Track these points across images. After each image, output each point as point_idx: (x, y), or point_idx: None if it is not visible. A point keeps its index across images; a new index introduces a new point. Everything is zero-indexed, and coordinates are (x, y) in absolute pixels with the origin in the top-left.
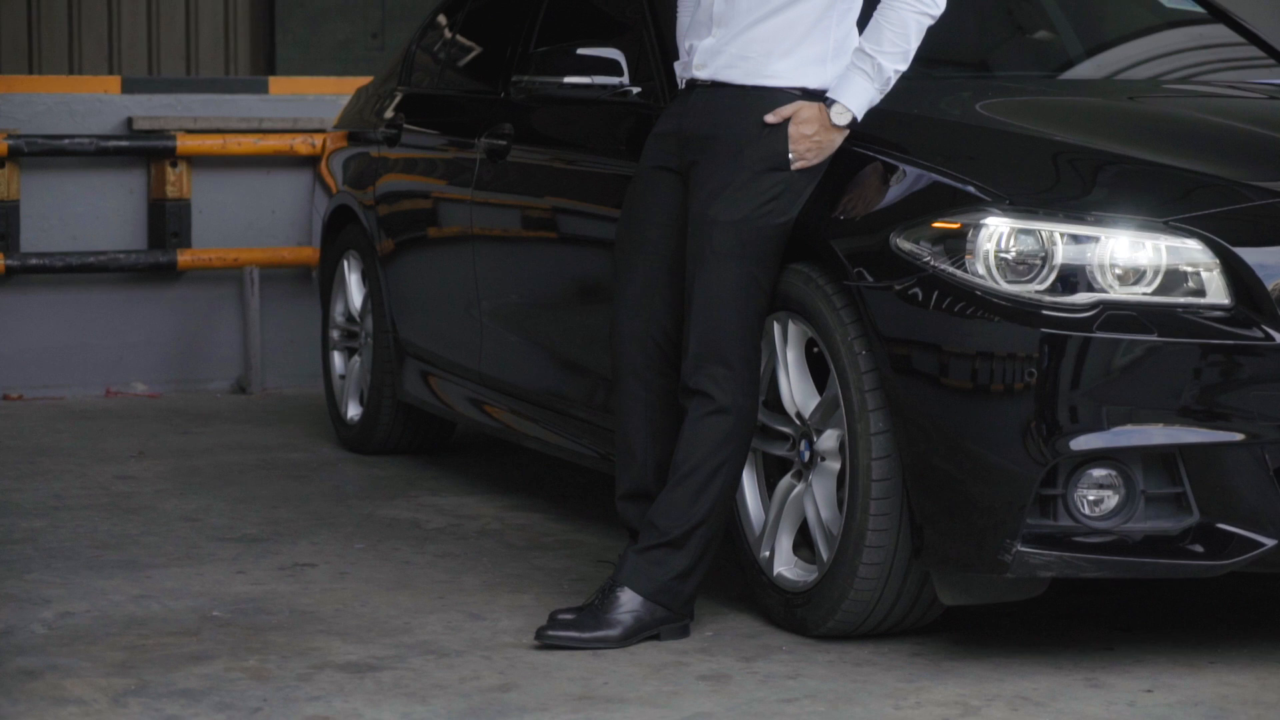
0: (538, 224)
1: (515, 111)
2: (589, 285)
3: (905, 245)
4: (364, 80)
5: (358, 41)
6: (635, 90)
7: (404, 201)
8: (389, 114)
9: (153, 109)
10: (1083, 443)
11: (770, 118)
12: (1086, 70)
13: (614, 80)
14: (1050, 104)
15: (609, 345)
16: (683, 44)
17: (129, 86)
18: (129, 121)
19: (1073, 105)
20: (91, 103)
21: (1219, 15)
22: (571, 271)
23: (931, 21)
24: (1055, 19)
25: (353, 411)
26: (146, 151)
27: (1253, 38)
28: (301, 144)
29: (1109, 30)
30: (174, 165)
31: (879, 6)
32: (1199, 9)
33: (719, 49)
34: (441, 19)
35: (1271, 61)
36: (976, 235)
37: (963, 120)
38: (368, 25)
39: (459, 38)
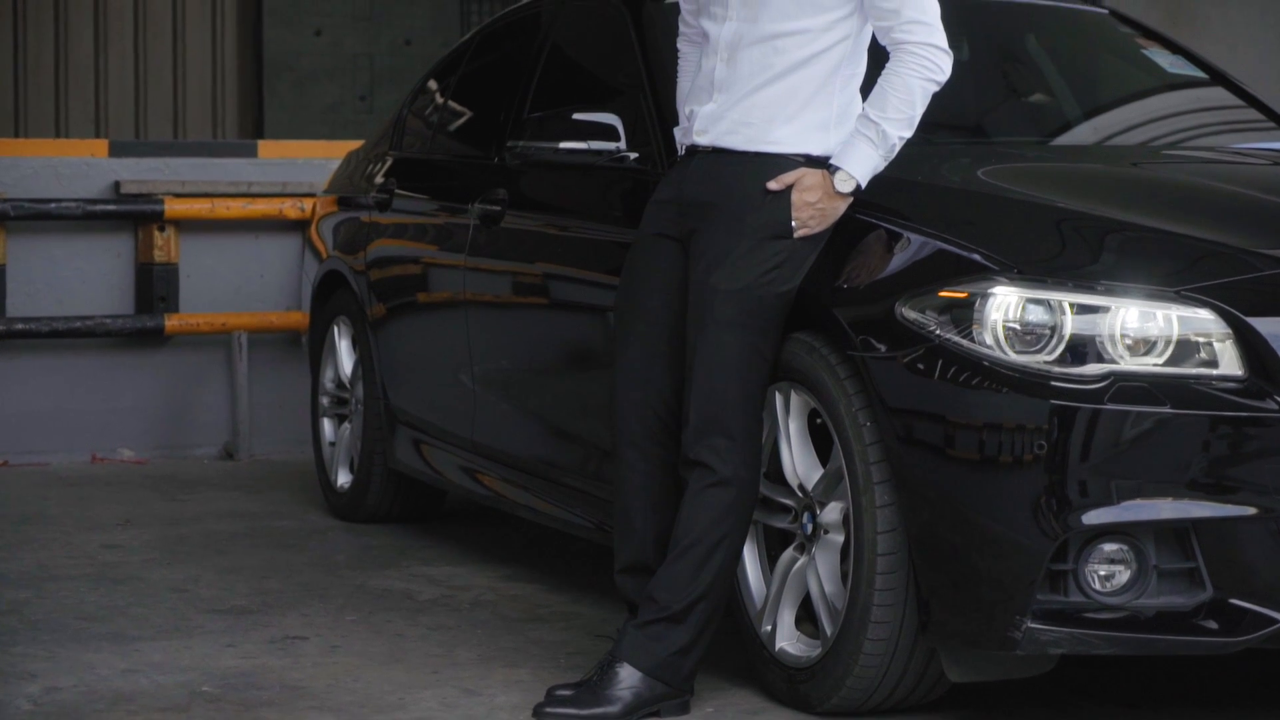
0: (533, 290)
1: (509, 177)
2: (585, 353)
3: (911, 314)
4: (354, 144)
5: (346, 104)
6: (632, 156)
7: (396, 267)
8: (380, 179)
9: (140, 172)
10: (1094, 517)
11: (773, 185)
12: (1085, 134)
13: (610, 145)
14: (1053, 170)
15: (608, 415)
16: (682, 109)
17: (116, 150)
18: (116, 185)
19: (1076, 171)
20: (78, 166)
21: (1218, 78)
22: (567, 338)
23: (937, 88)
24: (1053, 82)
25: (343, 479)
26: (134, 215)
27: (1252, 100)
28: (291, 208)
29: (1107, 93)
30: (162, 229)
31: (883, 72)
32: (1199, 73)
33: (720, 115)
34: (433, 84)
35: (1271, 125)
36: (984, 305)
37: (966, 187)
38: (356, 88)
39: (451, 102)
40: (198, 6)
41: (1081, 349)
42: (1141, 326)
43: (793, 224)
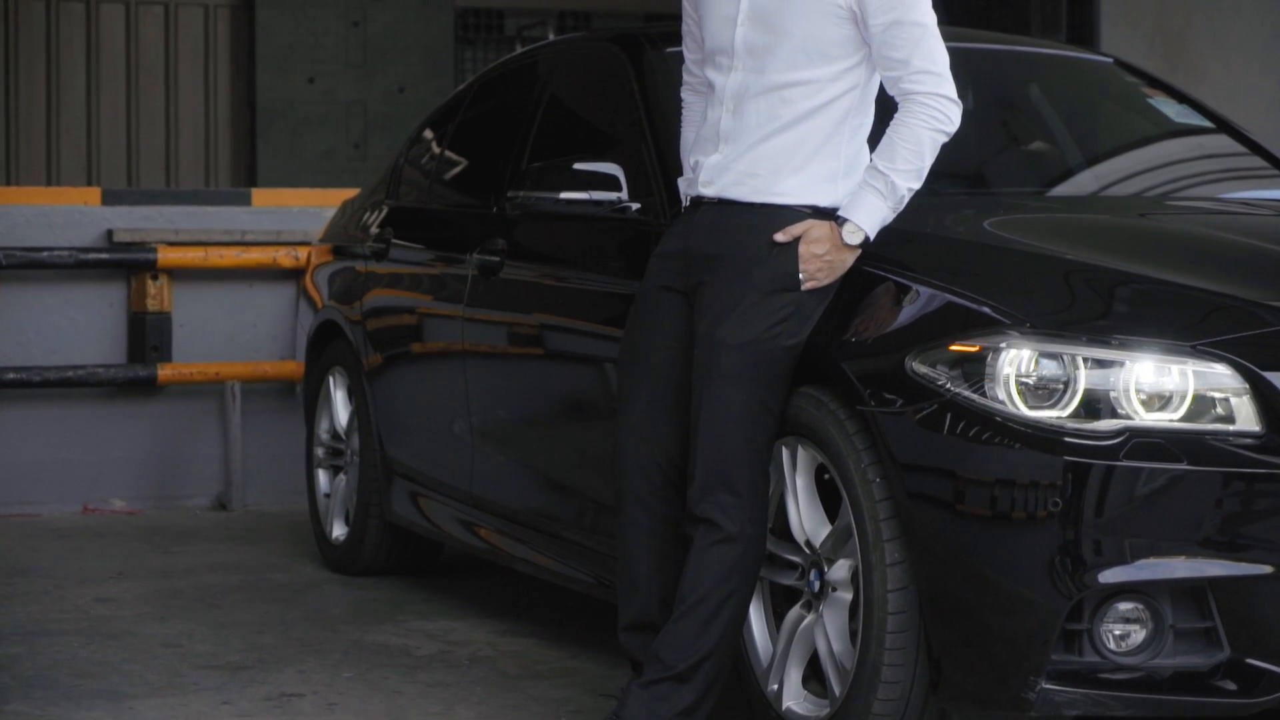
0: (532, 342)
1: (508, 227)
2: (585, 405)
3: (921, 369)
4: (348, 192)
5: (340, 152)
6: (634, 206)
7: (393, 317)
8: (376, 228)
9: (133, 221)
10: (1111, 576)
11: (780, 236)
12: (1091, 184)
13: (612, 196)
14: (1061, 221)
15: (608, 469)
16: (687, 160)
17: (109, 198)
18: (109, 233)
19: (1084, 222)
20: (71, 214)
21: (1224, 127)
22: (567, 390)
23: (946, 138)
24: (1058, 132)
25: (338, 531)
26: (127, 264)
27: (1255, 148)
28: (285, 257)
29: (1114, 143)
30: (155, 278)
31: (892, 123)
32: (1206, 122)
33: (726, 165)
34: (429, 132)
35: (1275, 172)
36: (996, 359)
37: (973, 238)
38: (350, 136)
39: (448, 152)
40: (190, 54)
41: (1096, 404)
42: (1157, 381)
43: (800, 276)
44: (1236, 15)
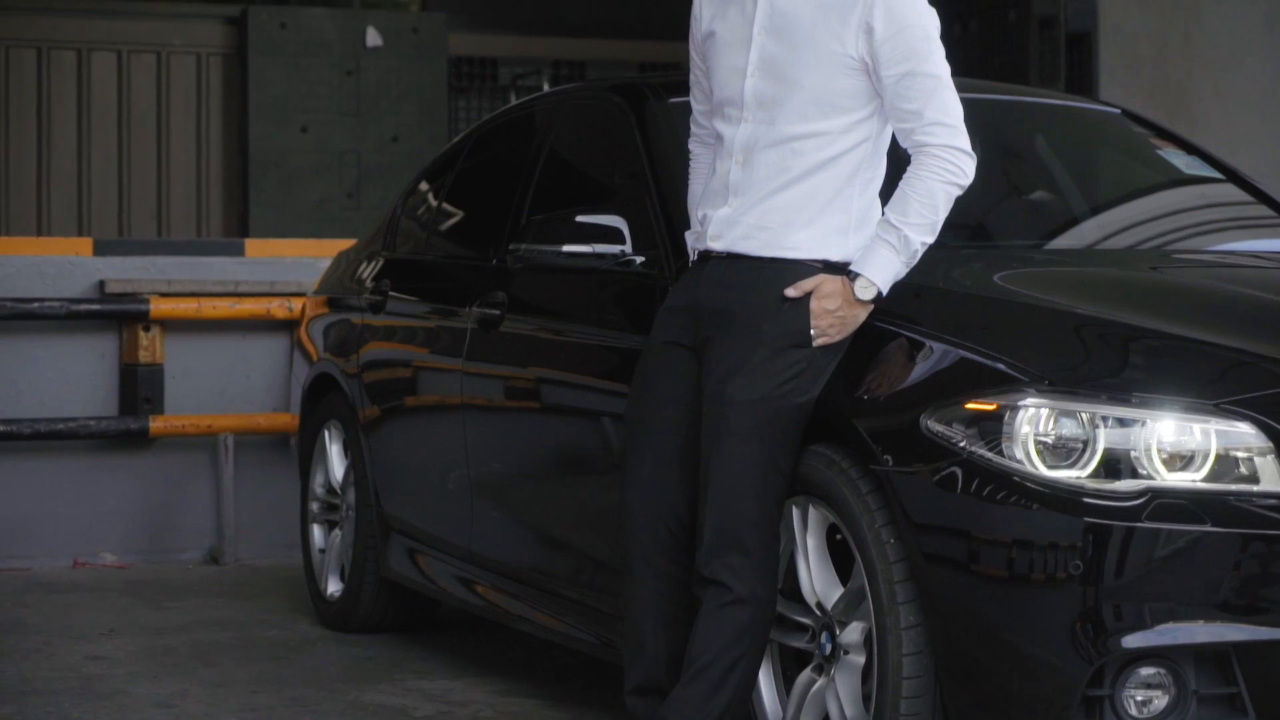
0: (534, 396)
1: (508, 280)
2: (589, 461)
3: (937, 427)
4: (343, 243)
5: (333, 201)
6: (638, 259)
7: (390, 370)
8: (373, 280)
9: (125, 271)
10: (1134, 640)
11: (791, 291)
12: (1097, 234)
13: (615, 249)
14: (1071, 275)
15: (618, 529)
16: (694, 213)
17: (101, 248)
18: (101, 284)
19: (1094, 276)
20: (63, 265)
21: (1234, 178)
22: (569, 446)
23: (960, 191)
24: (1065, 183)
25: (333, 587)
26: (118, 315)
27: (1262, 196)
28: (279, 308)
29: (1123, 194)
30: (147, 329)
31: (905, 176)
32: (1215, 173)
33: (736, 219)
34: (426, 184)
35: None
36: (1014, 418)
37: (985, 293)
38: (343, 185)
39: (446, 203)
40: (182, 103)
41: (1116, 464)
42: (1178, 440)
43: (811, 332)
44: (1237, 66)
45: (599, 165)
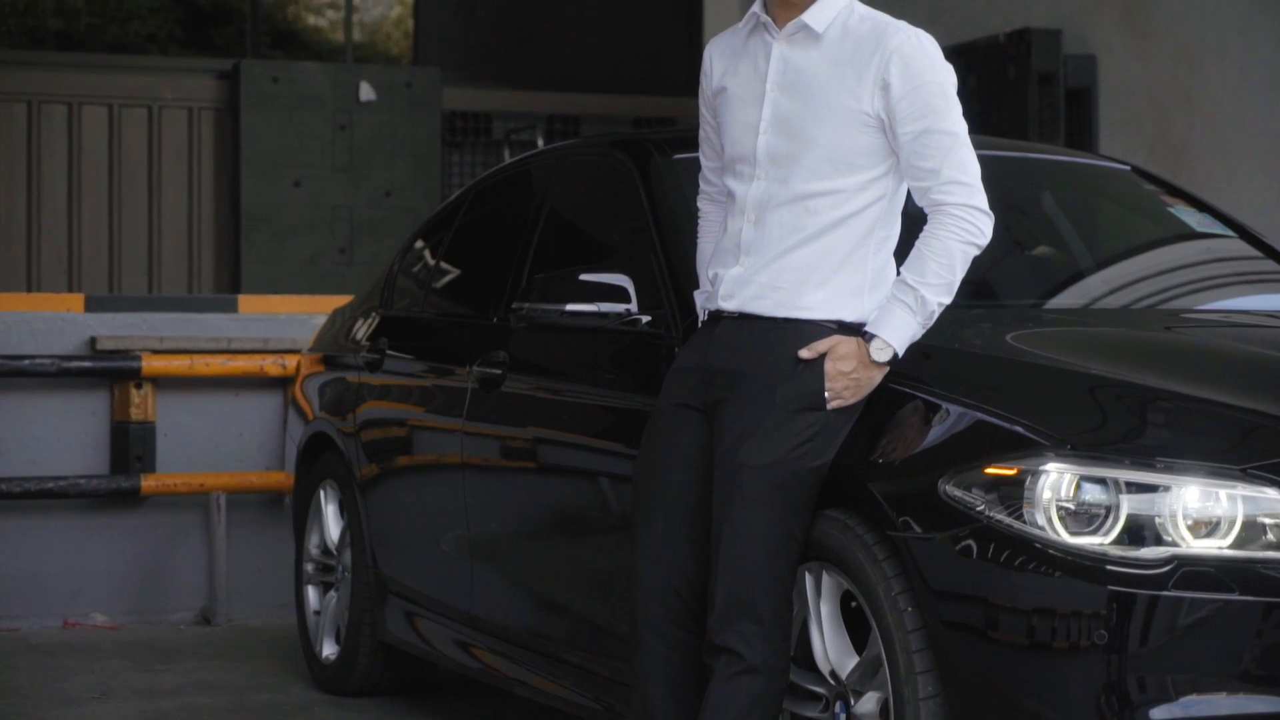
0: (536, 458)
1: (510, 339)
2: (594, 523)
3: (956, 492)
4: (337, 299)
5: (325, 256)
6: (644, 319)
7: (388, 430)
8: (370, 338)
9: (117, 328)
10: (1160, 713)
11: (805, 353)
12: (1102, 290)
13: (620, 307)
14: (1085, 335)
15: (626, 596)
16: (704, 272)
17: (92, 305)
18: (92, 341)
19: (1109, 337)
20: (53, 321)
21: (1247, 236)
22: (575, 508)
23: (978, 251)
24: (1073, 242)
25: (328, 650)
26: (110, 372)
27: (1270, 251)
28: (272, 365)
29: (1129, 250)
30: (138, 386)
31: (922, 235)
32: (1228, 231)
33: (748, 278)
34: (424, 240)
35: None
36: (1035, 483)
37: (998, 353)
38: (335, 240)
39: (445, 260)
40: (173, 157)
41: (1139, 530)
42: (1203, 507)
43: (826, 395)
44: (1239, 123)
45: (602, 222)
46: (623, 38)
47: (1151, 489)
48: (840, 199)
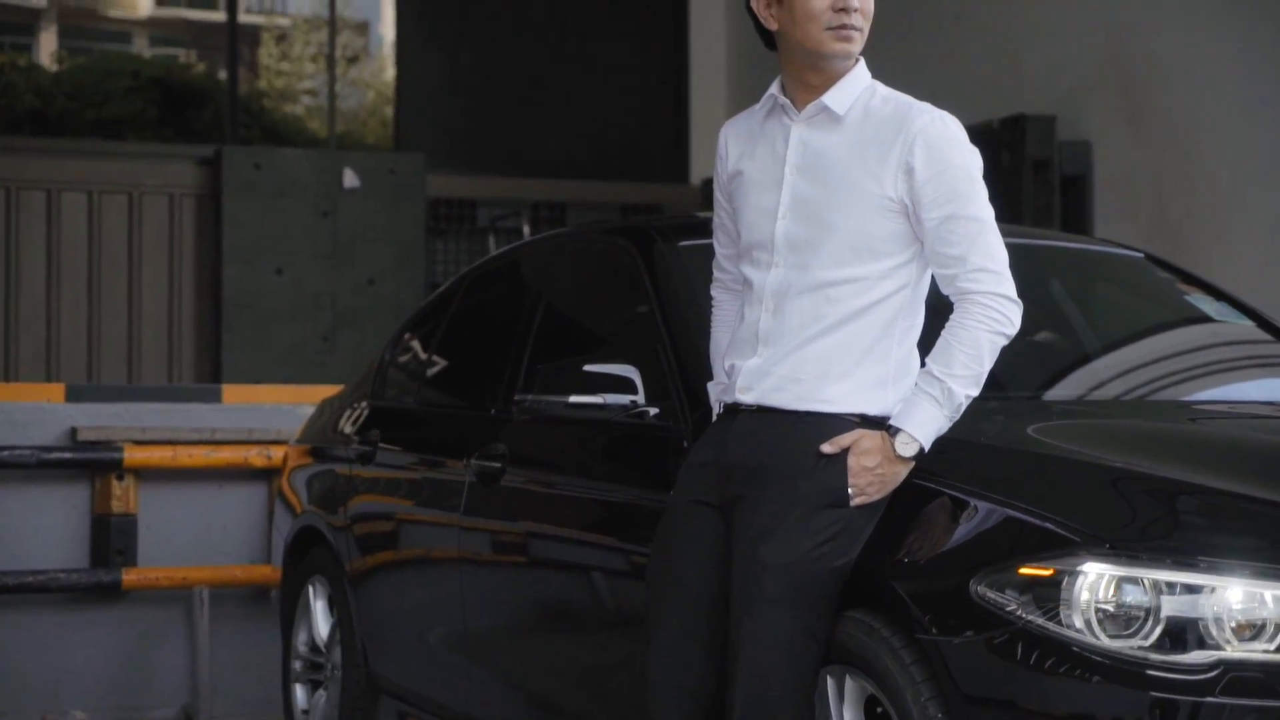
0: (538, 554)
1: (509, 431)
2: (599, 622)
3: (988, 593)
4: (324, 389)
5: (308, 345)
6: (652, 411)
7: (381, 524)
8: (361, 430)
9: (98, 418)
10: None
11: (827, 448)
12: (1111, 376)
13: (625, 399)
14: (1107, 427)
15: (641, 700)
16: (719, 363)
17: (73, 394)
18: (73, 432)
19: (1132, 429)
20: (33, 411)
21: (1263, 323)
22: (579, 607)
23: (1006, 341)
24: (1085, 332)
25: None
26: (91, 463)
27: None
28: (257, 456)
29: (1138, 336)
30: (120, 478)
31: (948, 325)
32: (1245, 319)
33: (766, 370)
34: (416, 329)
35: None
36: (1072, 584)
37: (1022, 447)
38: (318, 329)
39: (438, 350)
40: (154, 243)
41: (1180, 633)
42: (1248, 608)
43: (849, 491)
44: (1238, 207)
45: (604, 311)
46: (609, 124)
47: (1194, 590)
48: (862, 287)
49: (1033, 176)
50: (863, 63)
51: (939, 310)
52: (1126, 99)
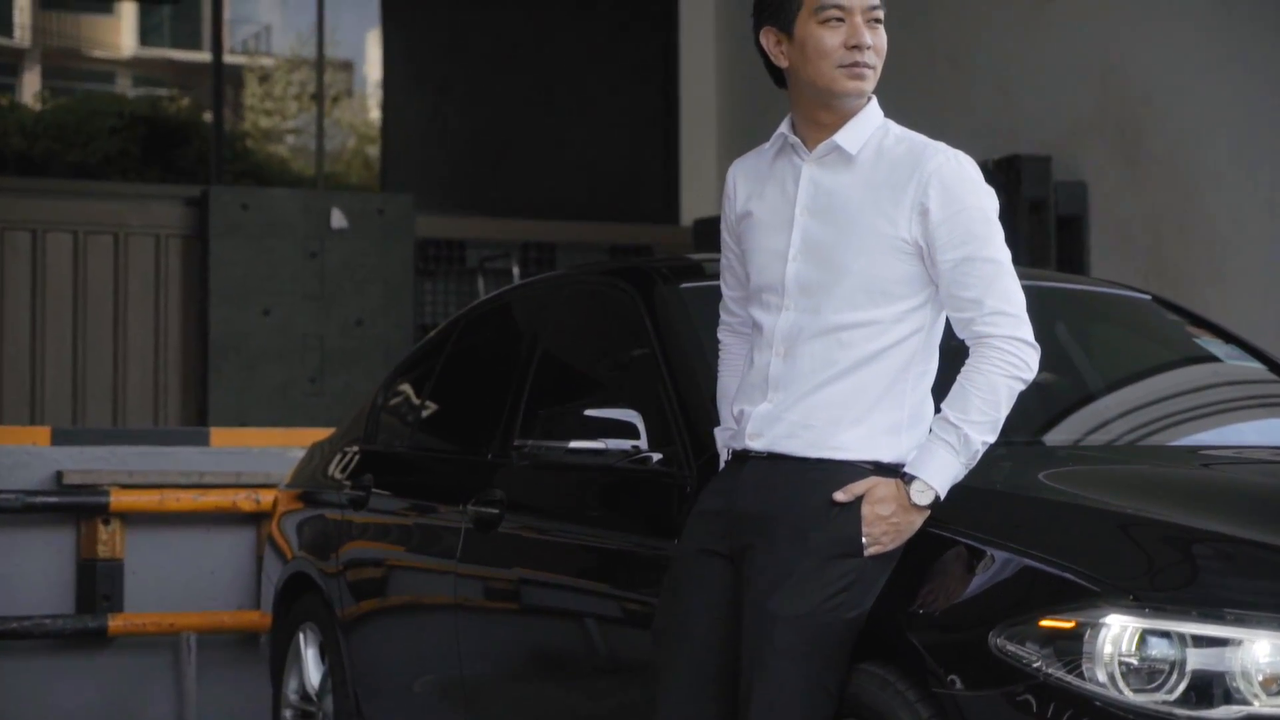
0: (537, 602)
1: (506, 477)
2: (601, 672)
3: (1009, 646)
4: (313, 432)
5: (295, 386)
6: (655, 456)
7: (374, 571)
8: (353, 474)
9: (85, 462)
10: None
11: (840, 496)
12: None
13: (627, 444)
14: (1119, 473)
15: None
16: (727, 408)
17: (59, 438)
18: (59, 475)
19: (1147, 475)
20: (19, 455)
21: (1269, 363)
22: (580, 656)
23: (1024, 386)
24: (1090, 375)
25: None
26: (77, 508)
27: None
28: (245, 500)
29: (1145, 380)
30: (106, 522)
31: (964, 369)
32: (1256, 362)
33: (777, 416)
34: (409, 372)
35: None
36: (1095, 637)
37: (1035, 494)
38: (305, 370)
39: (433, 394)
40: (140, 284)
41: (1207, 687)
42: (1275, 661)
43: (863, 540)
44: (1237, 249)
45: (603, 354)
46: (599, 165)
47: (1221, 643)
48: (876, 331)
49: (1028, 217)
50: (875, 101)
51: (951, 354)
52: (1123, 140)
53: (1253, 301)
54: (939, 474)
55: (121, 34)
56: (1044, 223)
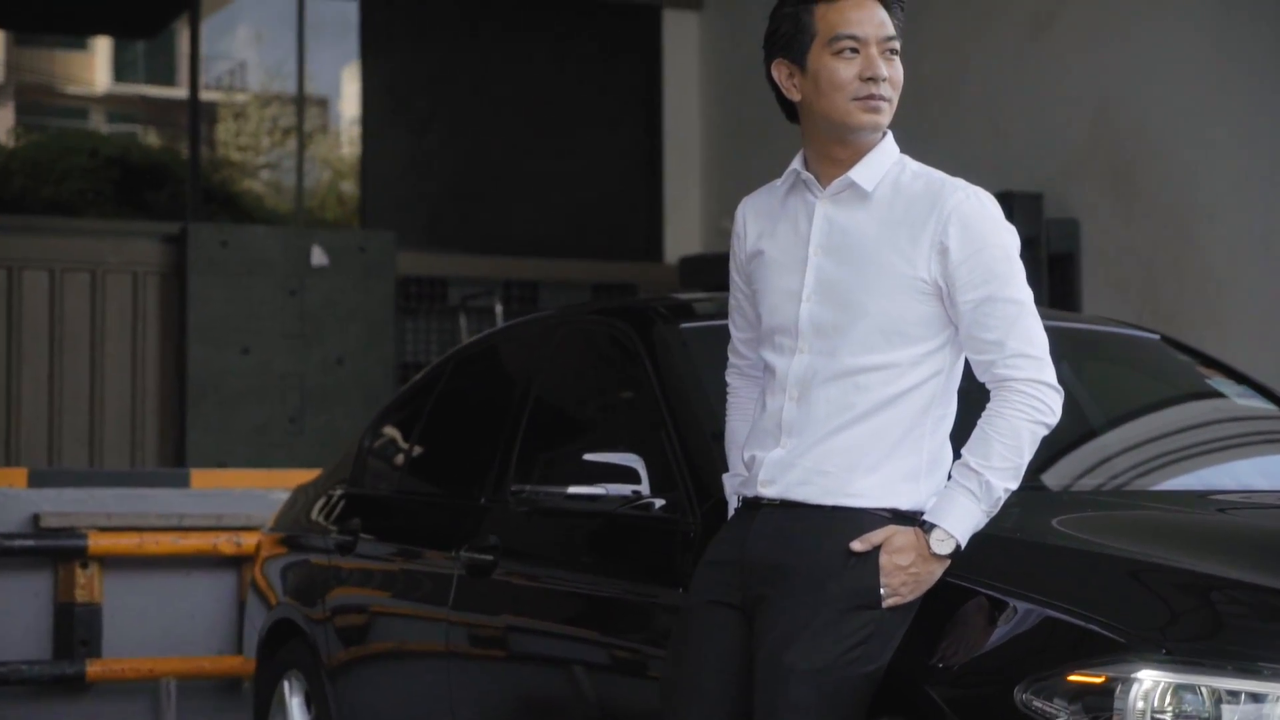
0: (533, 651)
1: (500, 523)
2: None
3: (1036, 702)
4: (296, 474)
5: (275, 426)
6: (658, 502)
7: (363, 617)
8: (340, 519)
9: (62, 504)
10: None
11: (857, 545)
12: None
13: (628, 489)
14: (1139, 520)
15: None
16: (737, 453)
17: (36, 480)
18: (36, 518)
19: (1164, 521)
20: None
21: (1270, 397)
22: (575, 706)
23: (1047, 431)
24: (1096, 417)
25: None
26: (54, 551)
27: None
28: (226, 543)
29: (1162, 425)
30: (84, 566)
31: (985, 413)
32: (1269, 404)
33: (791, 462)
34: (398, 414)
35: None
36: (1126, 692)
37: (1052, 542)
38: (285, 410)
39: (422, 436)
40: (117, 323)
41: None
42: None
43: (882, 591)
44: (1232, 287)
45: (601, 397)
46: (582, 202)
47: (1259, 699)
48: (893, 374)
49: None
50: (890, 136)
51: (970, 398)
52: (1115, 176)
53: (1249, 339)
54: (960, 522)
55: (96, 70)
56: (1036, 260)
